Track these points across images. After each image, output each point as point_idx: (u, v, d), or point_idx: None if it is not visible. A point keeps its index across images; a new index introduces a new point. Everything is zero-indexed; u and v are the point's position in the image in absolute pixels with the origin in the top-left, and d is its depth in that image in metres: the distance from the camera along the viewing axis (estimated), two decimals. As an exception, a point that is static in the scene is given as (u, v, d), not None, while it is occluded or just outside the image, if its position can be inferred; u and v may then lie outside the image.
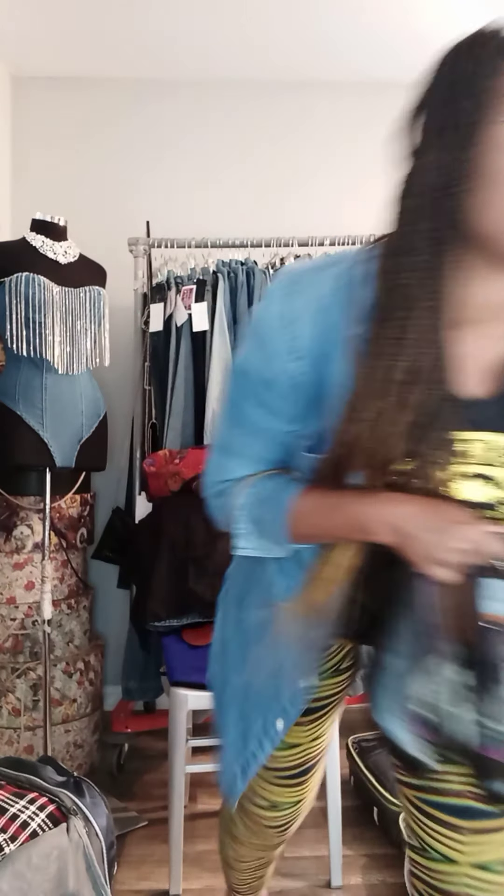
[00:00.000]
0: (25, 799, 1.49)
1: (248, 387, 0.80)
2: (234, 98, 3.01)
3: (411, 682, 0.70)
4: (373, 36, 2.72)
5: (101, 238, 2.58)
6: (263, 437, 0.82)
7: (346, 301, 0.72)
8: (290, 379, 0.75)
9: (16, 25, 2.65)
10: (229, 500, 0.85)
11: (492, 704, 0.67)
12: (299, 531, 0.79)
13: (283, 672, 0.88)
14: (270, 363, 0.76)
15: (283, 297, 0.76)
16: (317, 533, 0.78)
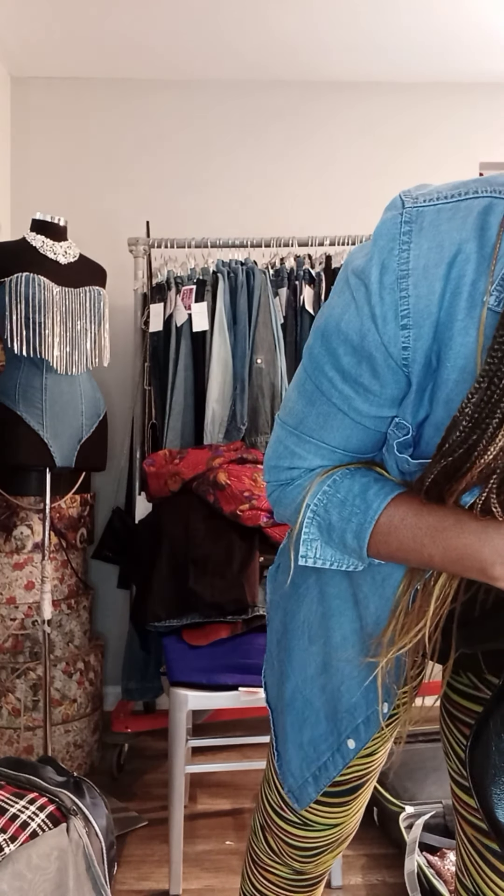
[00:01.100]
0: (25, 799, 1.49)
1: (333, 353, 0.61)
2: (233, 98, 3.01)
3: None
4: (373, 36, 2.72)
5: (101, 238, 2.58)
6: (348, 423, 0.64)
7: (490, 251, 0.52)
8: (394, 351, 0.57)
9: (16, 26, 2.65)
10: (296, 495, 0.69)
11: None
12: (383, 550, 0.63)
13: (357, 687, 0.78)
14: (370, 328, 0.58)
15: (396, 239, 0.55)
16: (408, 557, 0.62)
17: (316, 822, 0.89)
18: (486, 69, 2.95)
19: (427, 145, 3.05)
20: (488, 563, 0.55)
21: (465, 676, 0.78)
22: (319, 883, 1.01)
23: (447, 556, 0.58)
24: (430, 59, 2.87)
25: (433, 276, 0.53)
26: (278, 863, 0.98)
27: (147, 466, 2.12)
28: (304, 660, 0.81)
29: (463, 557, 0.57)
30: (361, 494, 0.64)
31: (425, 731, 2.36)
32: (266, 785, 0.95)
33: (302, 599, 0.81)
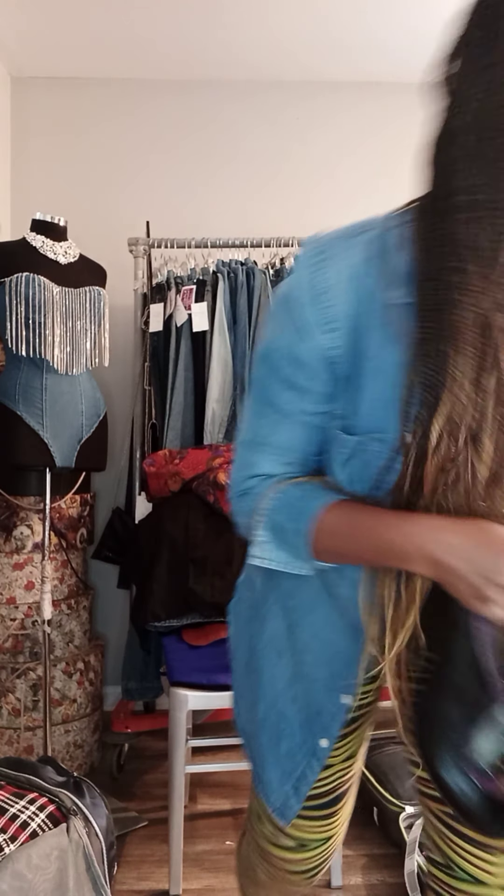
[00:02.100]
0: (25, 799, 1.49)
1: (275, 369, 0.72)
2: (234, 98, 3.01)
3: (476, 734, 0.64)
4: (373, 36, 2.72)
5: (101, 238, 2.58)
6: (293, 423, 0.73)
7: (382, 268, 0.65)
8: (323, 353, 0.68)
9: (16, 26, 2.65)
10: (252, 503, 0.75)
11: None
12: (324, 547, 0.69)
13: (323, 688, 0.82)
14: (301, 338, 0.68)
15: (312, 266, 0.68)
16: (344, 552, 0.69)
17: (311, 839, 0.91)
18: (486, 69, 2.94)
19: (427, 145, 3.05)
20: (410, 556, 0.63)
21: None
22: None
23: (378, 552, 0.66)
24: (429, 59, 2.87)
25: (347, 288, 0.66)
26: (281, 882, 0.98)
27: (147, 466, 2.12)
28: (273, 675, 0.85)
29: (389, 552, 0.65)
30: (305, 498, 0.72)
31: (425, 731, 2.36)
32: (255, 819, 0.96)
33: (265, 619, 0.86)
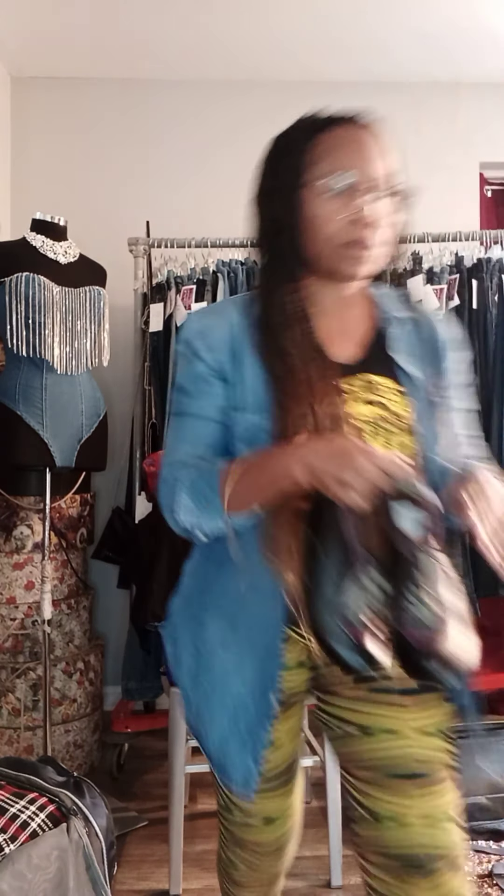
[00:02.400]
0: (25, 799, 1.49)
1: (183, 389, 1.00)
2: (233, 98, 3.01)
3: (346, 592, 0.82)
4: (373, 36, 2.72)
5: (101, 238, 2.58)
6: (200, 422, 0.98)
7: (245, 313, 0.98)
8: (210, 369, 0.96)
9: (16, 26, 2.65)
10: (175, 482, 0.94)
11: (408, 598, 0.82)
12: (233, 493, 0.87)
13: (265, 657, 0.94)
14: (196, 361, 0.97)
15: (199, 318, 1.02)
16: (247, 490, 0.87)
17: (274, 814, 1.05)
18: (486, 69, 2.95)
19: (427, 145, 3.04)
20: (293, 470, 0.82)
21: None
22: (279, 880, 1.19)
23: (271, 477, 0.85)
24: (430, 58, 2.87)
25: (222, 326, 0.97)
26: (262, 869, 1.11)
27: (147, 466, 2.12)
28: (224, 667, 0.96)
29: (278, 474, 0.84)
30: (213, 466, 0.92)
31: (425, 731, 2.36)
32: (226, 813, 1.07)
33: (204, 623, 0.99)
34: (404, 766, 0.90)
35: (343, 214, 0.90)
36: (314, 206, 0.91)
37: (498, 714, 2.79)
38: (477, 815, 1.83)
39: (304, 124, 0.94)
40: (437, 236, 2.44)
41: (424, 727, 0.93)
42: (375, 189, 0.91)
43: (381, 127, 0.95)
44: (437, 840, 0.88)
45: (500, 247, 2.49)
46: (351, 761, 0.96)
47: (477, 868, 1.64)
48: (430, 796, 0.90)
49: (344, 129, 0.92)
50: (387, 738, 0.92)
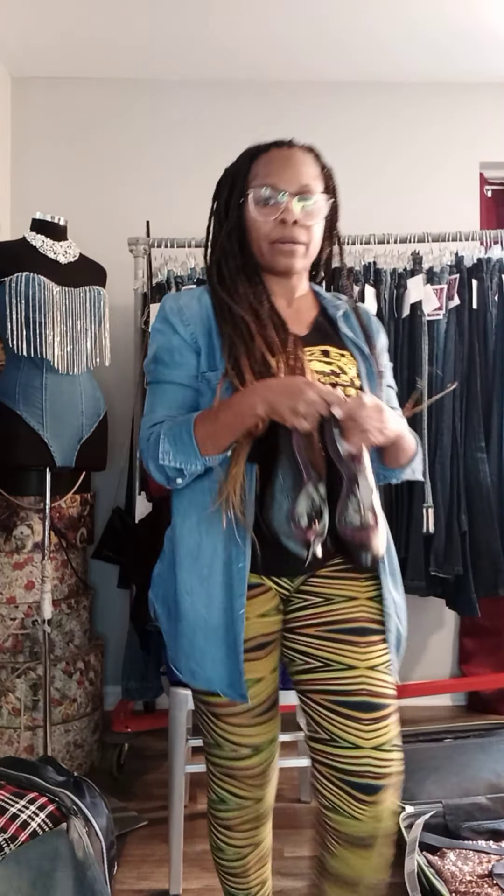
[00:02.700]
0: (25, 799, 1.49)
1: (159, 360, 1.20)
2: (234, 98, 3.01)
3: (297, 502, 1.04)
4: (373, 36, 2.72)
5: (101, 238, 2.58)
6: (175, 387, 1.19)
7: (208, 303, 1.21)
8: (184, 340, 1.18)
9: (16, 26, 2.65)
10: (154, 434, 1.13)
11: (345, 506, 1.06)
12: (203, 432, 1.08)
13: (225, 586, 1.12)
14: (173, 334, 1.19)
15: (175, 298, 1.23)
16: (216, 429, 1.07)
17: (260, 743, 1.22)
18: (486, 69, 2.95)
19: (427, 145, 3.05)
20: (255, 404, 1.03)
21: None
22: (268, 819, 1.33)
23: (238, 416, 1.05)
24: (430, 58, 2.87)
25: (195, 304, 1.20)
26: (247, 807, 1.27)
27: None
28: (195, 604, 1.14)
29: (241, 409, 1.05)
30: (188, 416, 1.12)
31: (425, 731, 2.36)
32: (216, 750, 1.23)
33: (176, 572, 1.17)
34: (358, 696, 1.10)
35: (271, 216, 1.14)
36: (252, 212, 1.17)
37: (498, 714, 2.79)
38: (477, 815, 1.83)
39: (247, 152, 1.23)
40: (437, 236, 2.44)
41: (376, 665, 1.13)
42: (299, 195, 1.14)
43: (305, 148, 1.20)
44: (384, 767, 1.08)
45: (500, 247, 2.49)
46: (312, 690, 1.15)
47: (477, 868, 1.63)
48: (381, 728, 1.10)
49: (274, 151, 1.19)
50: (345, 671, 1.12)
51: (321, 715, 1.13)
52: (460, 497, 2.40)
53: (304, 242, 1.16)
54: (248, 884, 1.33)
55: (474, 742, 2.22)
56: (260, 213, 1.16)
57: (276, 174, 1.15)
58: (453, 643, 2.99)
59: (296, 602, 1.18)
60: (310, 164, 1.18)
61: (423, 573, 2.37)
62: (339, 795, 1.09)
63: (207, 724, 1.22)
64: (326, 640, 1.14)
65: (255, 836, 1.31)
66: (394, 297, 2.45)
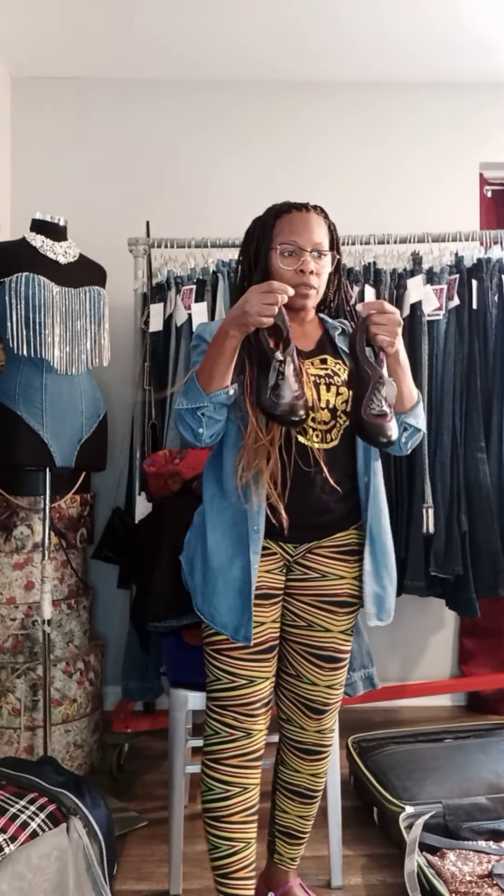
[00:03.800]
0: (25, 799, 1.49)
1: (196, 363, 1.44)
2: (233, 98, 3.01)
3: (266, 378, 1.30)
4: (372, 36, 2.72)
5: (101, 238, 2.58)
6: None
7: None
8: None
9: (16, 25, 2.65)
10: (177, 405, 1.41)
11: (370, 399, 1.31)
12: (202, 373, 1.35)
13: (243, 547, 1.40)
14: (206, 345, 1.42)
15: (206, 323, 1.56)
16: (209, 364, 1.34)
17: (256, 676, 1.44)
18: (487, 69, 2.95)
19: (427, 145, 3.05)
20: (227, 328, 1.29)
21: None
22: (259, 760, 1.48)
23: (218, 344, 1.31)
24: (430, 59, 2.87)
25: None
26: (236, 739, 1.44)
27: (147, 466, 2.12)
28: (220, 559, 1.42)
29: (221, 337, 1.31)
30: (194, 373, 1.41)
31: (425, 731, 2.36)
32: (215, 683, 1.45)
33: (205, 535, 1.45)
34: (327, 651, 1.49)
35: (292, 267, 1.43)
36: (275, 260, 1.45)
37: (498, 714, 2.79)
38: (477, 815, 1.83)
39: (273, 209, 1.50)
40: (437, 236, 2.44)
41: (345, 629, 1.51)
42: (312, 251, 1.44)
43: (318, 210, 1.50)
44: (330, 698, 1.53)
45: (500, 247, 2.49)
46: (294, 641, 1.51)
47: (477, 868, 1.63)
48: (335, 672, 1.51)
49: (295, 213, 1.47)
50: (322, 632, 1.49)
51: (295, 658, 1.52)
52: (460, 497, 2.40)
53: (316, 287, 1.46)
54: (230, 831, 1.44)
55: (474, 742, 2.22)
56: (284, 262, 1.44)
57: (298, 234, 1.44)
58: (453, 643, 2.99)
59: (297, 573, 1.49)
60: (322, 224, 1.47)
61: (423, 573, 2.37)
62: (294, 711, 1.54)
63: (211, 662, 1.47)
64: (315, 607, 1.49)
65: (242, 778, 1.44)
66: (394, 298, 2.45)
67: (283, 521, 1.40)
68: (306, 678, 1.51)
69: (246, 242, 1.53)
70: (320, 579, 1.48)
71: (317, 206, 1.52)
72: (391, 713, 2.83)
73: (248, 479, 1.39)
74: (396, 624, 2.95)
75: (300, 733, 1.55)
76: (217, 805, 1.44)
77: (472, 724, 2.46)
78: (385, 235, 2.43)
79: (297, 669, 1.52)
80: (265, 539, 1.43)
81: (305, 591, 1.49)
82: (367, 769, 2.08)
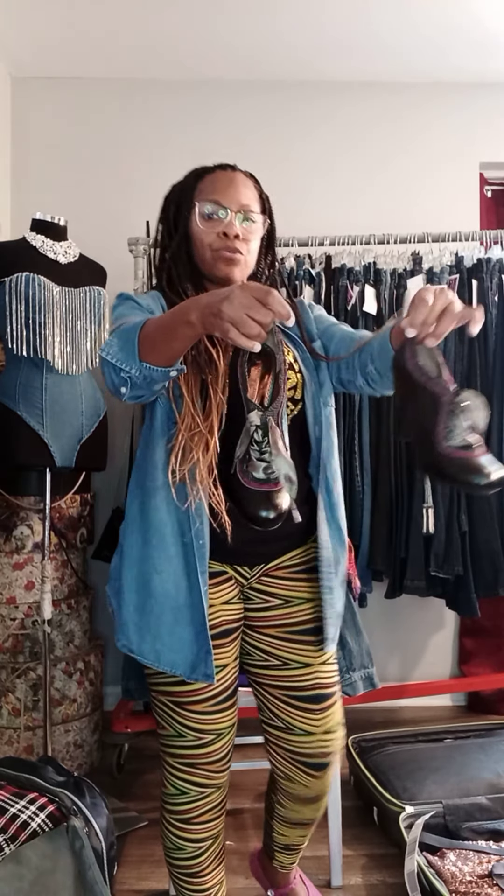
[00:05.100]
0: (25, 799, 1.49)
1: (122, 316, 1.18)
2: (233, 98, 3.01)
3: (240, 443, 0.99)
4: (373, 36, 2.72)
5: (101, 238, 2.58)
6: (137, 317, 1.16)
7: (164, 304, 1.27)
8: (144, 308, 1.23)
9: (17, 25, 2.65)
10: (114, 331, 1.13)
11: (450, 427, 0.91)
12: (145, 333, 1.04)
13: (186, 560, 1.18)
14: (131, 301, 1.23)
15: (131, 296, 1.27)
16: (154, 330, 1.04)
17: (221, 728, 1.24)
18: (485, 69, 2.95)
19: (427, 145, 3.04)
20: (190, 310, 0.97)
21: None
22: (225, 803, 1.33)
23: (173, 319, 1.00)
24: (430, 58, 2.87)
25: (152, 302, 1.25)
26: (207, 796, 1.27)
27: (147, 466, 2.12)
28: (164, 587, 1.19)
29: (179, 317, 0.99)
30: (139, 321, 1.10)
31: (425, 731, 2.36)
32: (177, 740, 1.24)
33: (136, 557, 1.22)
34: (313, 691, 1.26)
35: (214, 230, 1.24)
36: (197, 224, 1.26)
37: (498, 714, 2.79)
38: (477, 815, 1.83)
39: (194, 171, 1.33)
40: (437, 236, 2.44)
41: (326, 659, 1.27)
42: (237, 212, 1.25)
43: (247, 173, 1.33)
44: (331, 747, 1.28)
45: (500, 247, 2.49)
46: (270, 685, 1.29)
47: (477, 868, 1.63)
48: (329, 714, 1.27)
49: (219, 172, 1.29)
50: (301, 669, 1.26)
51: (278, 707, 1.29)
52: (460, 497, 2.40)
53: (243, 254, 1.26)
54: (205, 884, 1.31)
55: (474, 742, 2.22)
56: (204, 225, 1.25)
57: (221, 193, 1.26)
58: (453, 643, 2.99)
59: (257, 601, 1.28)
60: (250, 187, 1.30)
61: (423, 573, 2.37)
62: (293, 770, 1.30)
63: (168, 715, 1.26)
64: (286, 640, 1.27)
65: (216, 828, 1.30)
66: (394, 298, 2.45)
67: (227, 529, 1.16)
68: (298, 729, 1.27)
69: (164, 209, 1.33)
70: (284, 606, 1.27)
71: (246, 171, 1.34)
72: (391, 713, 2.83)
73: (182, 474, 1.13)
74: (396, 624, 2.97)
75: (304, 790, 1.33)
76: (190, 862, 1.30)
77: (472, 724, 2.46)
78: (385, 235, 2.43)
79: (284, 721, 1.28)
80: (218, 563, 1.21)
81: (269, 621, 1.27)
82: (367, 769, 2.08)
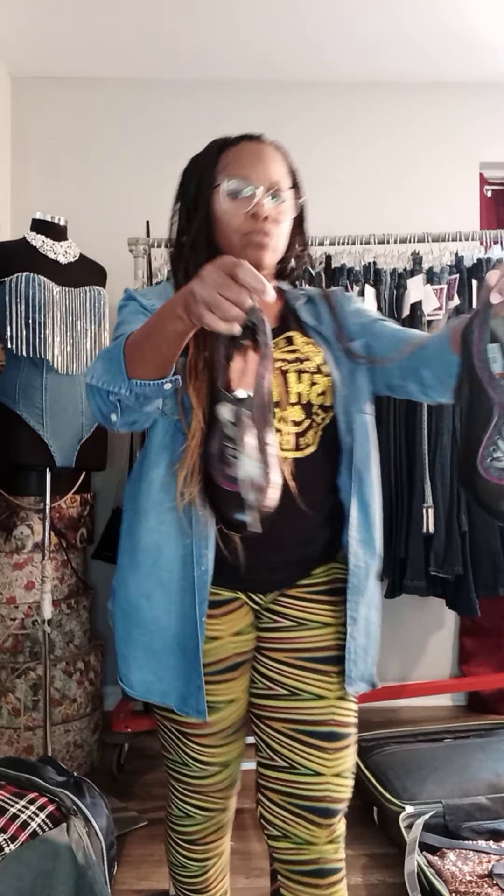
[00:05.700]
0: (25, 799, 1.49)
1: (123, 322, 1.10)
2: (233, 97, 3.00)
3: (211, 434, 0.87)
4: (373, 36, 2.72)
5: (101, 238, 2.58)
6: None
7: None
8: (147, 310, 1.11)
9: (16, 25, 2.65)
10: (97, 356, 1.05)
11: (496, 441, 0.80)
12: (130, 344, 0.93)
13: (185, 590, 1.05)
14: (135, 304, 1.12)
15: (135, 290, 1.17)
16: (139, 337, 0.93)
17: (228, 760, 1.17)
18: (485, 69, 2.95)
19: (427, 145, 3.05)
20: (176, 303, 0.84)
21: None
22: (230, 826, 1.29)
23: (160, 318, 0.89)
24: (430, 59, 2.87)
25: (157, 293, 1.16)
26: (213, 817, 1.22)
27: (147, 466, 2.12)
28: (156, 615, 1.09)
29: (166, 313, 0.87)
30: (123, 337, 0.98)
31: (425, 731, 2.36)
32: (182, 768, 1.17)
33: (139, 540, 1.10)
34: (326, 727, 1.07)
35: (242, 210, 1.07)
36: (221, 204, 1.09)
37: (498, 714, 2.79)
38: (477, 815, 1.83)
39: (216, 143, 1.17)
40: (437, 236, 2.44)
41: (343, 694, 1.09)
42: (268, 190, 1.08)
43: (275, 145, 1.14)
44: (342, 792, 1.08)
45: (500, 247, 2.49)
46: (273, 717, 1.10)
47: (477, 868, 1.63)
48: (342, 756, 1.09)
49: (244, 144, 1.12)
50: (313, 701, 1.08)
51: (280, 742, 1.09)
52: (460, 497, 2.40)
53: (273, 236, 1.09)
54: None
55: (474, 742, 2.22)
56: (231, 206, 1.08)
57: (248, 168, 1.08)
58: (453, 643, 2.99)
59: (265, 621, 1.12)
60: (280, 161, 1.12)
61: (423, 573, 2.37)
62: (293, 821, 1.07)
63: (173, 742, 1.16)
64: (296, 667, 1.09)
65: (219, 847, 1.27)
66: (394, 298, 2.45)
67: (239, 554, 1.04)
68: (305, 768, 1.07)
69: (182, 185, 1.18)
70: (296, 629, 1.09)
71: (274, 141, 1.15)
72: (391, 713, 2.83)
73: (192, 495, 1.01)
74: (396, 624, 2.97)
75: (305, 851, 1.07)
76: (195, 879, 1.27)
77: (472, 724, 2.46)
78: (385, 235, 2.43)
79: (288, 759, 1.08)
80: (229, 589, 1.08)
81: (278, 644, 1.10)
82: (367, 769, 2.08)
